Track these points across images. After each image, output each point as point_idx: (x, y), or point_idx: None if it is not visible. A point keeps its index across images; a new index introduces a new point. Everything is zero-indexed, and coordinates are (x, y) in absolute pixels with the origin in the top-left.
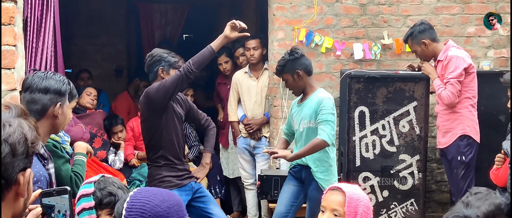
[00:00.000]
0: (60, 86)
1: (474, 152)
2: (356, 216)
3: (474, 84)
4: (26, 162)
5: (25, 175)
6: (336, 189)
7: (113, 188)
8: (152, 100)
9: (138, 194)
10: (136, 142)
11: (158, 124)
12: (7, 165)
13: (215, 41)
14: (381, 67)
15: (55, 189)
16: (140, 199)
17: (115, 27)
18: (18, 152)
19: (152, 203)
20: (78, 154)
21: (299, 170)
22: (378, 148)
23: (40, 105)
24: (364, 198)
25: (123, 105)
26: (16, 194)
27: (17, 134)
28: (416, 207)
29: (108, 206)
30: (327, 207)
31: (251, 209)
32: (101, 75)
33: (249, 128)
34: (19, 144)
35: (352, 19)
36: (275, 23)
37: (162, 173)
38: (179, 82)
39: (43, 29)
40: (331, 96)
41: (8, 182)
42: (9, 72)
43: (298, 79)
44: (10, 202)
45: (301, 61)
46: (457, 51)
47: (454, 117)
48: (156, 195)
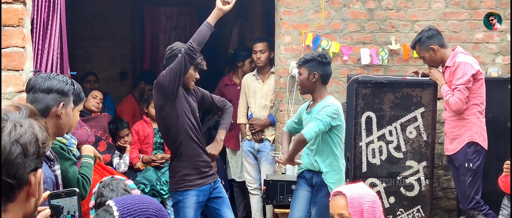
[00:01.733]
0: (63, 86)
1: (481, 159)
2: (363, 214)
3: (482, 90)
4: (37, 162)
5: (37, 175)
6: (338, 194)
7: (106, 189)
8: (162, 86)
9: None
10: (141, 145)
11: (173, 113)
12: (18, 165)
13: (210, 16)
14: (388, 72)
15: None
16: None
17: (120, 30)
18: (30, 152)
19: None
20: (86, 156)
21: (311, 176)
22: (385, 153)
23: (42, 105)
24: (367, 194)
25: (128, 109)
26: (27, 194)
27: (28, 134)
28: (423, 214)
29: (99, 207)
30: (334, 213)
31: (256, 214)
32: (106, 78)
33: (252, 128)
34: (30, 144)
35: (360, 24)
36: (282, 27)
37: (183, 170)
38: (184, 63)
39: (49, 31)
40: (339, 104)
41: (20, 182)
42: (17, 74)
43: (312, 80)
44: (22, 202)
45: (324, 67)
46: (465, 57)
47: (461, 124)
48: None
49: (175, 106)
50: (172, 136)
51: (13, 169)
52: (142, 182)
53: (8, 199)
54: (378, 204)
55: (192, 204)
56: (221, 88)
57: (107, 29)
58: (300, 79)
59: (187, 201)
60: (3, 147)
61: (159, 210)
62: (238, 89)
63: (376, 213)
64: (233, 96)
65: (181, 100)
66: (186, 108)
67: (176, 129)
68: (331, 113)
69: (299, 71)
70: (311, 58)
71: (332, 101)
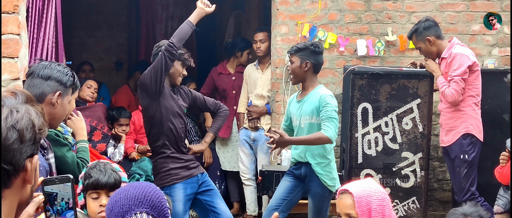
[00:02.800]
0: (62, 76)
1: (477, 150)
2: (371, 213)
3: (478, 82)
4: (34, 149)
5: (33, 161)
6: (344, 192)
7: (93, 170)
8: (145, 85)
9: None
10: (137, 135)
11: (157, 112)
12: (15, 151)
13: (192, 14)
14: (384, 64)
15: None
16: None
17: (116, 20)
18: (26, 138)
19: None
20: (81, 141)
21: (299, 167)
22: (381, 145)
23: (38, 90)
24: (376, 191)
25: (123, 99)
26: (23, 180)
27: (25, 120)
28: (418, 205)
29: (88, 188)
30: (341, 212)
31: (250, 205)
32: (102, 68)
33: (249, 115)
34: (27, 130)
35: (356, 15)
36: (278, 17)
37: (168, 165)
38: (164, 60)
39: (44, 19)
40: (332, 94)
41: (16, 168)
42: (12, 61)
43: (304, 69)
44: (18, 188)
45: (316, 56)
46: (462, 48)
47: (457, 115)
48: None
49: (160, 105)
50: (156, 132)
51: (9, 155)
52: (137, 172)
53: (4, 185)
54: (387, 201)
55: (180, 197)
56: (214, 77)
57: (102, 18)
58: (292, 67)
59: (175, 195)
60: None
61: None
62: (232, 79)
63: (385, 211)
64: (226, 85)
65: (166, 99)
66: (171, 107)
67: (159, 128)
68: (334, 105)
69: (291, 59)
70: (304, 47)
71: (325, 91)
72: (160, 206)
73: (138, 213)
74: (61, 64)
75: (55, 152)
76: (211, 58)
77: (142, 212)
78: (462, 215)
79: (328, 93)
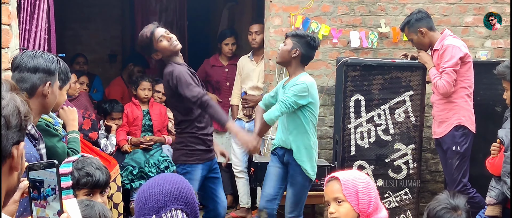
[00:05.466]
0: (49, 65)
1: (469, 142)
2: (358, 194)
3: (470, 74)
4: (20, 135)
5: (19, 148)
6: (331, 180)
7: (91, 168)
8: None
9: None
10: (130, 127)
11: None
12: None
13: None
14: (377, 56)
15: (42, 163)
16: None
17: (110, 12)
18: (12, 125)
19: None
20: (72, 132)
21: (283, 154)
22: (373, 136)
23: (29, 84)
24: (361, 176)
25: (117, 91)
26: (10, 167)
27: (10, 106)
28: (410, 197)
29: (85, 186)
30: (329, 198)
31: (243, 197)
32: (95, 60)
33: (245, 102)
34: (13, 116)
35: (349, 6)
36: (271, 9)
37: (195, 146)
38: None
39: (36, 11)
40: (310, 81)
41: (3, 155)
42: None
43: (292, 54)
44: (5, 176)
45: (308, 49)
46: (453, 40)
47: (449, 107)
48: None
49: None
50: (188, 110)
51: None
52: (130, 164)
53: None
54: (373, 185)
55: (198, 177)
56: (206, 69)
57: (96, 11)
58: (282, 49)
59: (195, 174)
60: None
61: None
62: (226, 71)
63: (371, 193)
64: (220, 77)
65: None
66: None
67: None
68: (298, 92)
69: (285, 41)
70: (302, 35)
71: (303, 79)
72: (193, 203)
73: (173, 209)
74: (45, 52)
75: (46, 142)
76: (205, 51)
77: (177, 209)
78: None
79: (304, 80)
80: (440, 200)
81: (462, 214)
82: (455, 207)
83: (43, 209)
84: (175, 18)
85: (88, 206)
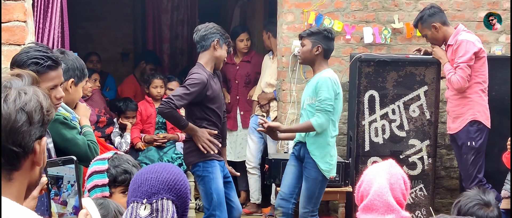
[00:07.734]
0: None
1: (484, 137)
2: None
3: (485, 69)
4: (42, 130)
5: (41, 143)
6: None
7: (128, 165)
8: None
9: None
10: (144, 125)
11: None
12: (24, 133)
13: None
14: (391, 51)
15: (61, 159)
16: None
17: (121, 10)
18: (35, 120)
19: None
20: (85, 126)
21: (299, 148)
22: (388, 132)
23: None
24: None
25: (129, 89)
26: (32, 162)
27: (33, 101)
28: (425, 193)
29: (123, 184)
30: None
31: (254, 193)
32: (107, 59)
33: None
34: (35, 112)
35: (363, 2)
36: (284, 6)
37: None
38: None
39: (50, 9)
40: (335, 77)
41: (25, 150)
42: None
43: (315, 53)
44: (27, 171)
45: (328, 42)
46: (467, 35)
47: (464, 102)
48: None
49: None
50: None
51: (18, 137)
52: (144, 162)
53: (13, 167)
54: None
55: (219, 174)
56: None
57: (107, 9)
58: (302, 50)
59: (215, 172)
60: (8, 115)
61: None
62: (236, 68)
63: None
64: (230, 75)
65: (212, 89)
66: (210, 95)
67: (206, 108)
68: (328, 89)
69: (303, 42)
70: (317, 31)
71: (326, 74)
72: (185, 197)
73: (164, 198)
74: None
75: (65, 135)
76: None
77: (169, 199)
78: (485, 205)
79: (328, 75)
80: (471, 196)
81: (494, 210)
82: (488, 203)
83: (61, 205)
84: (186, 16)
85: (102, 205)
